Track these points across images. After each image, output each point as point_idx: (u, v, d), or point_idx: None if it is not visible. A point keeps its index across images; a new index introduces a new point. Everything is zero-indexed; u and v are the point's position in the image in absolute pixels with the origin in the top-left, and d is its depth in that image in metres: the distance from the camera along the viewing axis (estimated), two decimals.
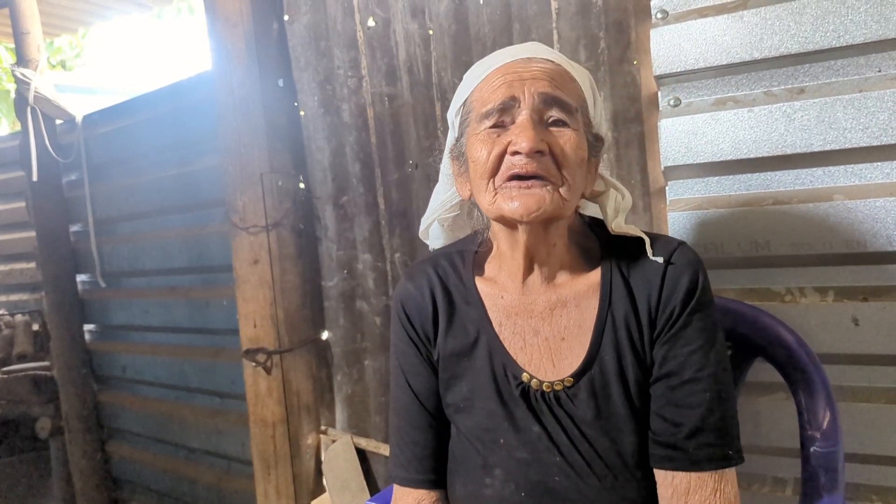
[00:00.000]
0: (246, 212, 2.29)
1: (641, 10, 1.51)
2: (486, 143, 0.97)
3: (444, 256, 1.15)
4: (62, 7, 4.37)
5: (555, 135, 0.95)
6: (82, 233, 3.48)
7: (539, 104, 0.95)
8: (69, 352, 3.46)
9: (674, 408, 0.97)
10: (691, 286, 0.98)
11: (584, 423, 1.00)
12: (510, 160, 0.94)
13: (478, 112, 0.99)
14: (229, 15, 2.24)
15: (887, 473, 1.31)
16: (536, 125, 0.94)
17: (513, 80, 0.96)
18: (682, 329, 0.98)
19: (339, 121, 2.19)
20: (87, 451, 3.49)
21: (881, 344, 1.27)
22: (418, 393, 1.12)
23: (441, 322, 1.09)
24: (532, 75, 0.96)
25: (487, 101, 0.98)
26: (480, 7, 1.82)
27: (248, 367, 2.34)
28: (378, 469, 2.29)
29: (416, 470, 1.12)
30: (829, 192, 1.30)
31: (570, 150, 0.95)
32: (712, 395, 0.95)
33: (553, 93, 0.95)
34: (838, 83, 1.27)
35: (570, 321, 1.04)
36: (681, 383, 0.97)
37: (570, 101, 0.96)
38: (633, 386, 1.00)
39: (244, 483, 2.69)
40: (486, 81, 1.00)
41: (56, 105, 3.26)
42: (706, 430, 0.95)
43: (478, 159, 0.98)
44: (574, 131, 0.96)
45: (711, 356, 0.97)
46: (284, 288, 2.29)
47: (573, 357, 1.02)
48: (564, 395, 1.01)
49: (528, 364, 1.04)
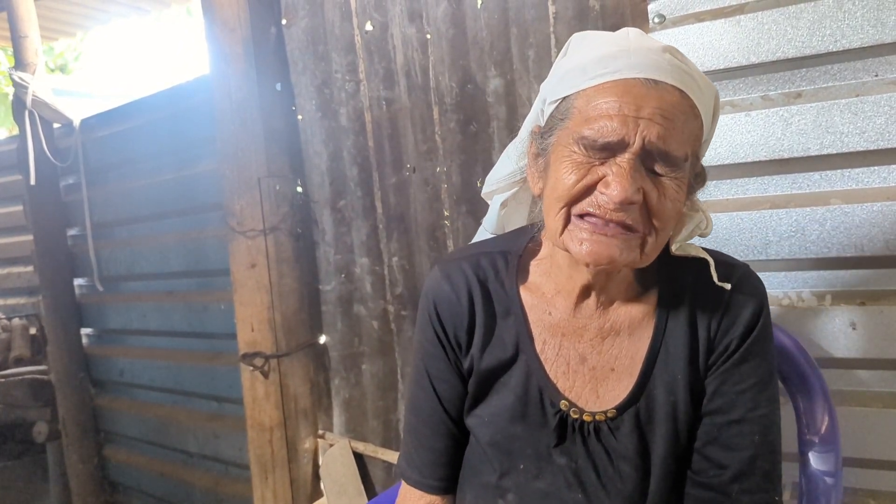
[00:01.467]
0: (243, 216, 2.29)
1: (639, 15, 1.51)
2: (578, 170, 0.84)
3: (485, 256, 1.03)
4: (60, 11, 4.37)
5: (655, 182, 0.84)
6: (80, 236, 3.47)
7: (648, 152, 0.82)
8: (66, 356, 3.45)
9: (719, 448, 0.92)
10: (753, 318, 0.92)
11: (622, 458, 0.93)
12: (597, 198, 0.83)
13: (577, 126, 0.85)
14: (227, 19, 2.24)
15: (885, 477, 1.31)
16: (637, 171, 0.81)
17: (628, 115, 0.81)
18: (737, 364, 0.92)
19: (337, 125, 2.19)
20: (84, 456, 3.48)
21: (879, 348, 1.26)
22: (443, 399, 1.05)
23: (478, 334, 1.00)
24: (650, 114, 0.81)
25: (593, 124, 0.83)
26: (478, 11, 1.82)
27: (246, 371, 2.34)
28: (376, 473, 2.29)
29: (430, 475, 1.08)
30: (827, 196, 1.30)
31: (666, 202, 0.84)
32: (762, 438, 0.90)
33: (665, 148, 0.81)
34: (835, 87, 1.27)
35: (621, 351, 0.96)
36: (729, 422, 0.91)
37: (679, 154, 0.83)
38: (682, 423, 0.93)
39: (241, 487, 2.68)
40: (597, 92, 0.84)
41: (54, 109, 3.26)
42: (753, 475, 0.90)
43: (562, 180, 0.86)
44: (677, 181, 0.84)
45: (764, 396, 0.92)
46: (282, 292, 2.29)
47: (620, 388, 0.95)
48: (606, 427, 0.94)
49: (569, 391, 0.96)
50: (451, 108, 1.93)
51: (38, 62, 3.30)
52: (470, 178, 1.92)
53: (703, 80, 0.88)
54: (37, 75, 3.24)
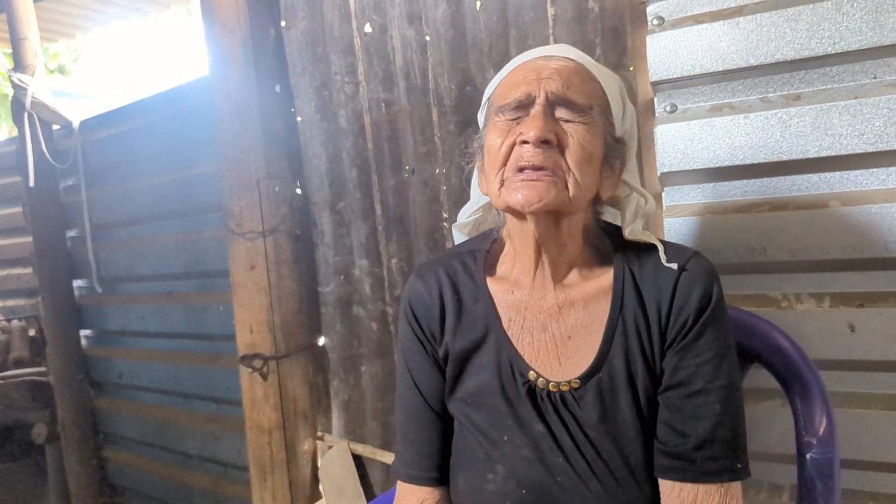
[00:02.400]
0: (243, 217, 2.29)
1: (638, 17, 1.51)
2: (501, 133, 1.00)
3: (455, 256, 1.15)
4: (60, 12, 4.37)
5: (565, 128, 0.97)
6: (79, 238, 3.47)
7: (552, 101, 0.98)
8: (65, 357, 3.45)
9: (683, 418, 0.96)
10: (705, 296, 0.98)
11: (589, 426, 0.99)
12: (519, 150, 0.97)
13: (496, 106, 1.03)
14: (227, 21, 2.24)
15: (883, 480, 1.31)
16: (547, 117, 0.96)
17: (531, 79, 0.99)
18: (694, 340, 0.98)
19: (336, 126, 2.19)
20: (83, 457, 3.47)
21: (877, 350, 1.26)
22: (423, 391, 1.12)
23: (449, 321, 1.09)
24: (548, 74, 0.99)
25: (506, 95, 1.01)
26: (477, 13, 1.82)
27: (245, 372, 2.34)
28: (374, 475, 2.29)
29: (419, 467, 1.12)
30: (826, 198, 1.30)
31: (577, 143, 0.96)
32: (723, 407, 0.95)
33: (564, 93, 0.97)
34: (834, 89, 1.27)
35: (577, 321, 1.04)
36: (690, 394, 0.96)
37: (581, 101, 0.98)
38: (642, 393, 0.99)
39: (240, 489, 2.68)
40: (508, 77, 1.04)
41: (53, 110, 3.26)
42: (715, 442, 0.95)
43: (491, 147, 1.01)
44: (584, 125, 0.97)
45: (723, 368, 0.97)
46: (281, 294, 2.29)
47: (580, 358, 1.02)
48: (570, 396, 1.01)
49: (534, 361, 1.04)
50: (451, 109, 1.93)
51: (38, 64, 3.30)
52: (469, 179, 1.91)
53: (604, 68, 1.06)
54: (36, 77, 3.24)
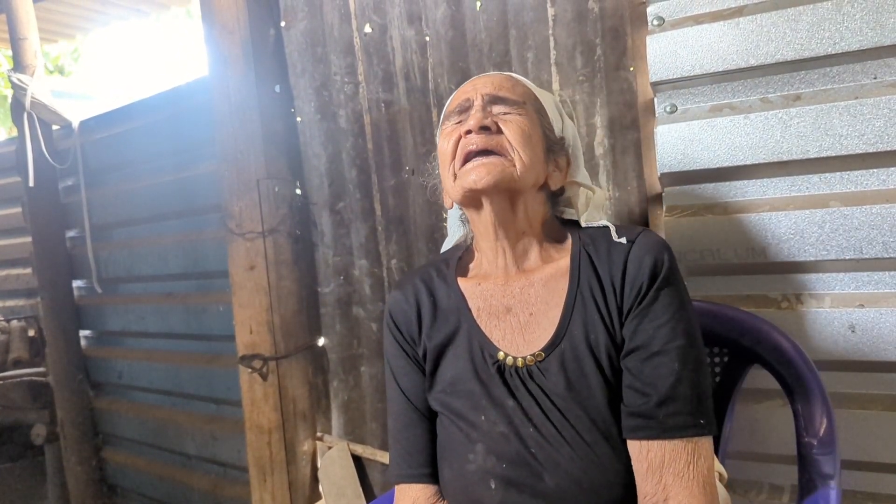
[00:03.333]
0: (242, 217, 2.29)
1: (638, 17, 1.52)
2: (447, 136, 1.13)
3: (430, 265, 1.25)
4: (59, 13, 4.38)
5: (503, 119, 1.10)
6: (79, 238, 3.47)
7: (487, 101, 1.11)
8: (65, 358, 3.44)
9: (644, 379, 1.00)
10: (657, 263, 1.03)
11: (556, 395, 1.04)
12: (464, 141, 1.08)
13: (443, 118, 1.18)
14: (226, 21, 2.24)
15: (884, 480, 1.31)
16: (485, 111, 1.10)
17: (468, 89, 1.15)
18: (649, 305, 1.02)
19: (336, 127, 2.19)
20: (83, 458, 3.47)
21: (877, 351, 1.26)
22: (407, 392, 1.18)
23: (425, 320, 1.18)
24: (482, 83, 1.14)
25: (450, 107, 1.17)
26: (477, 14, 1.82)
27: (245, 373, 2.33)
28: (374, 476, 2.29)
29: (409, 465, 1.16)
30: (826, 198, 1.30)
31: (515, 125, 1.08)
32: (681, 366, 0.98)
33: (497, 92, 1.12)
34: (834, 90, 1.27)
35: (538, 298, 1.11)
36: (650, 356, 1.00)
37: (513, 97, 1.12)
38: (605, 361, 1.03)
39: (240, 490, 2.68)
40: (453, 98, 1.19)
41: (53, 111, 3.26)
42: (677, 399, 0.97)
43: (443, 150, 1.13)
44: (519, 115, 1.10)
45: (679, 329, 1.00)
46: (281, 294, 2.29)
47: (542, 332, 1.08)
48: (536, 368, 1.06)
49: (501, 341, 1.10)
50: None
51: (37, 64, 3.29)
52: None
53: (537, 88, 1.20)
54: (36, 77, 3.24)
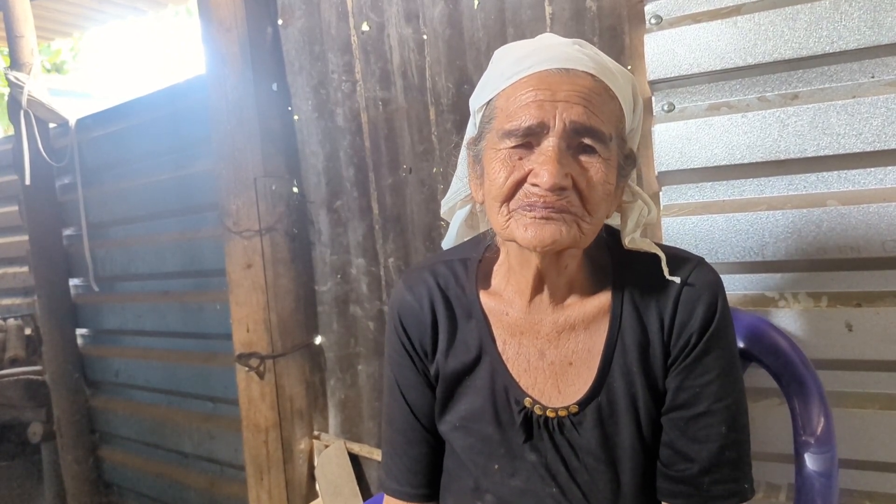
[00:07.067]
0: (240, 216, 2.29)
1: (635, 16, 1.51)
2: (506, 166, 0.87)
3: (444, 263, 1.07)
4: (57, 11, 4.36)
5: (583, 165, 0.86)
6: (75, 237, 3.46)
7: (570, 132, 0.85)
8: (61, 356, 3.44)
9: (687, 441, 0.92)
10: (709, 311, 0.92)
11: (587, 453, 0.95)
12: (529, 189, 0.85)
13: (501, 124, 0.88)
14: (224, 19, 2.24)
15: (881, 479, 1.31)
16: (563, 156, 0.84)
17: (544, 100, 0.85)
18: (698, 358, 0.92)
19: (333, 125, 2.19)
20: (79, 456, 3.46)
21: (875, 349, 1.26)
22: (414, 407, 1.07)
23: (441, 339, 1.03)
24: (566, 97, 0.84)
25: (514, 116, 0.86)
26: (475, 12, 1.82)
27: (241, 371, 2.33)
28: (371, 474, 2.28)
29: (409, 483, 1.09)
30: (823, 197, 1.29)
31: (596, 184, 0.86)
32: (728, 428, 0.91)
33: (587, 122, 0.84)
34: (832, 89, 1.27)
35: (578, 345, 0.97)
36: (695, 416, 0.92)
37: (604, 131, 0.86)
38: (644, 416, 0.94)
39: (237, 488, 2.67)
40: (515, 88, 0.88)
41: (49, 109, 3.25)
42: (722, 467, 0.91)
43: (494, 180, 0.88)
44: (604, 161, 0.87)
45: (729, 386, 0.92)
46: (278, 292, 2.29)
47: (580, 383, 0.96)
48: (569, 422, 0.96)
49: (531, 388, 0.98)
50: (448, 108, 1.92)
51: (34, 62, 3.29)
52: None
53: (617, 67, 0.92)
54: (33, 75, 3.24)
